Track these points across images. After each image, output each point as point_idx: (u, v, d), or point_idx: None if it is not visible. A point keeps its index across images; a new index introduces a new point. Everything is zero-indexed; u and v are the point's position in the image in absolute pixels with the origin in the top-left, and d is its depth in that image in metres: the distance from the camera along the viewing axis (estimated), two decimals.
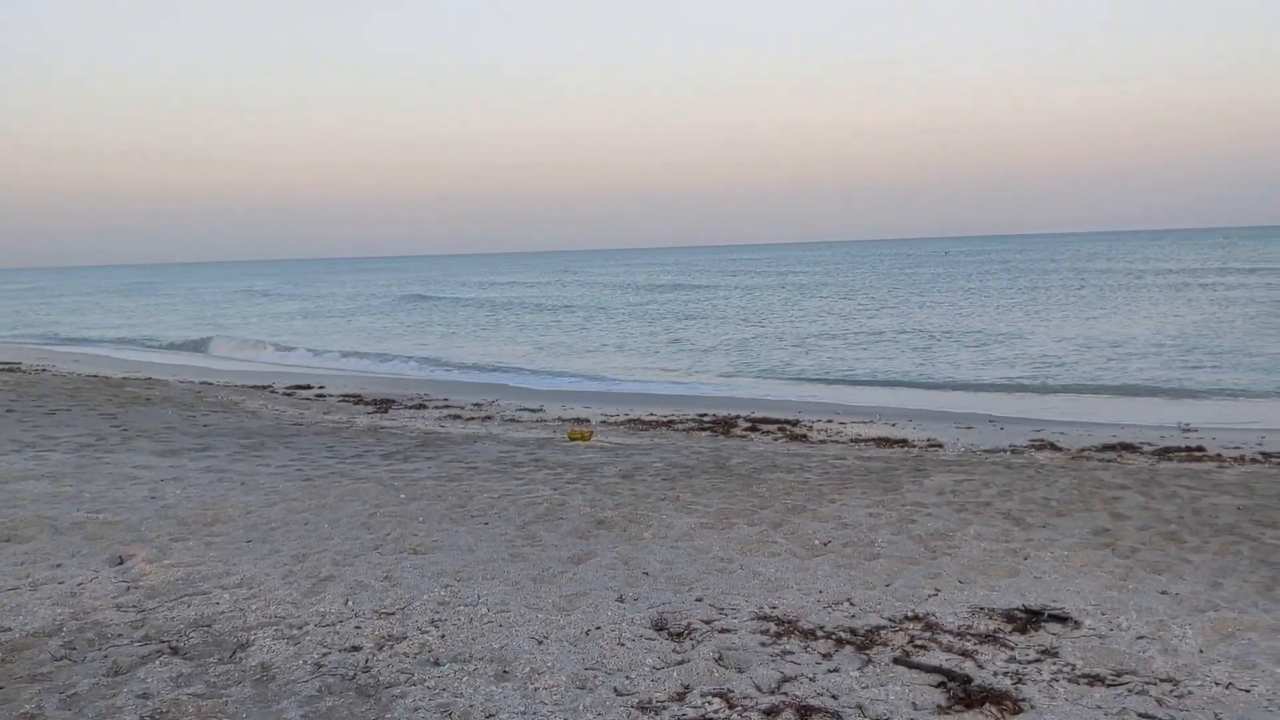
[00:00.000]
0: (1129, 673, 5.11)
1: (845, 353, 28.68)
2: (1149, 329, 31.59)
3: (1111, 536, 7.45)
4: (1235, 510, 8.21)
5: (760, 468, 10.30)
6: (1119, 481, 9.39)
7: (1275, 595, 6.24)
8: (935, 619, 5.83)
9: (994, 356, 26.54)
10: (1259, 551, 7.11)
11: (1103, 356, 25.67)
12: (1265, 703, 4.76)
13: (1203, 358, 24.47)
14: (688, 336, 35.74)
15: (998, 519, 7.95)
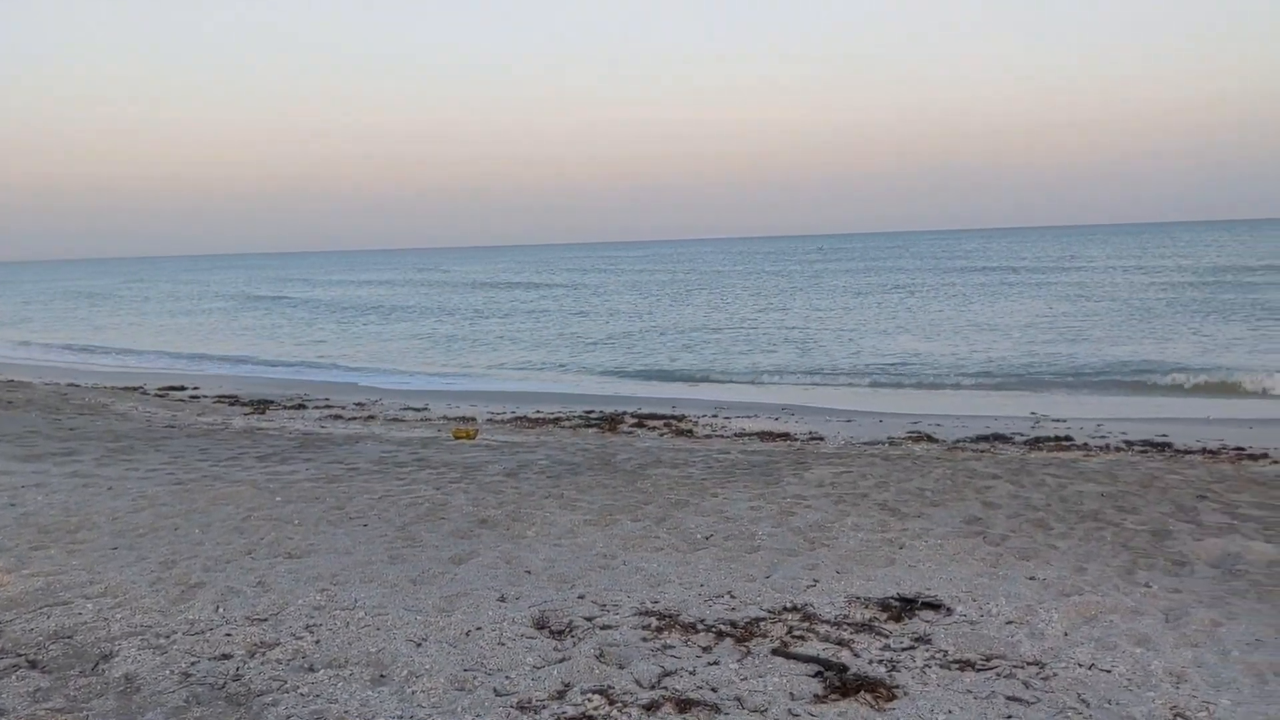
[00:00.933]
0: (998, 657, 5.25)
1: (730, 348, 28.97)
2: (1020, 322, 32.67)
3: (983, 525, 7.67)
4: (1099, 497, 8.53)
5: (645, 464, 10.33)
6: (991, 471, 9.68)
7: (1135, 579, 6.49)
8: (813, 609, 5.92)
9: (873, 351, 27.12)
10: (1120, 536, 7.39)
11: (976, 350, 26.46)
12: (1125, 682, 4.95)
13: (1066, 350, 25.41)
14: (574, 332, 35.73)
15: (875, 510, 8.11)
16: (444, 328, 39.39)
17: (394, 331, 38.63)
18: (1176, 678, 4.99)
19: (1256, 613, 5.88)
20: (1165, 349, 25.12)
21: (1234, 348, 24.91)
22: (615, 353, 29.22)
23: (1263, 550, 6.99)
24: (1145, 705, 4.69)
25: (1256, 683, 4.93)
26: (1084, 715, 4.58)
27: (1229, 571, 6.66)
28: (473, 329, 38.69)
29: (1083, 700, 4.74)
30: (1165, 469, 10.06)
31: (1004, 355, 25.13)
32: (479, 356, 29.68)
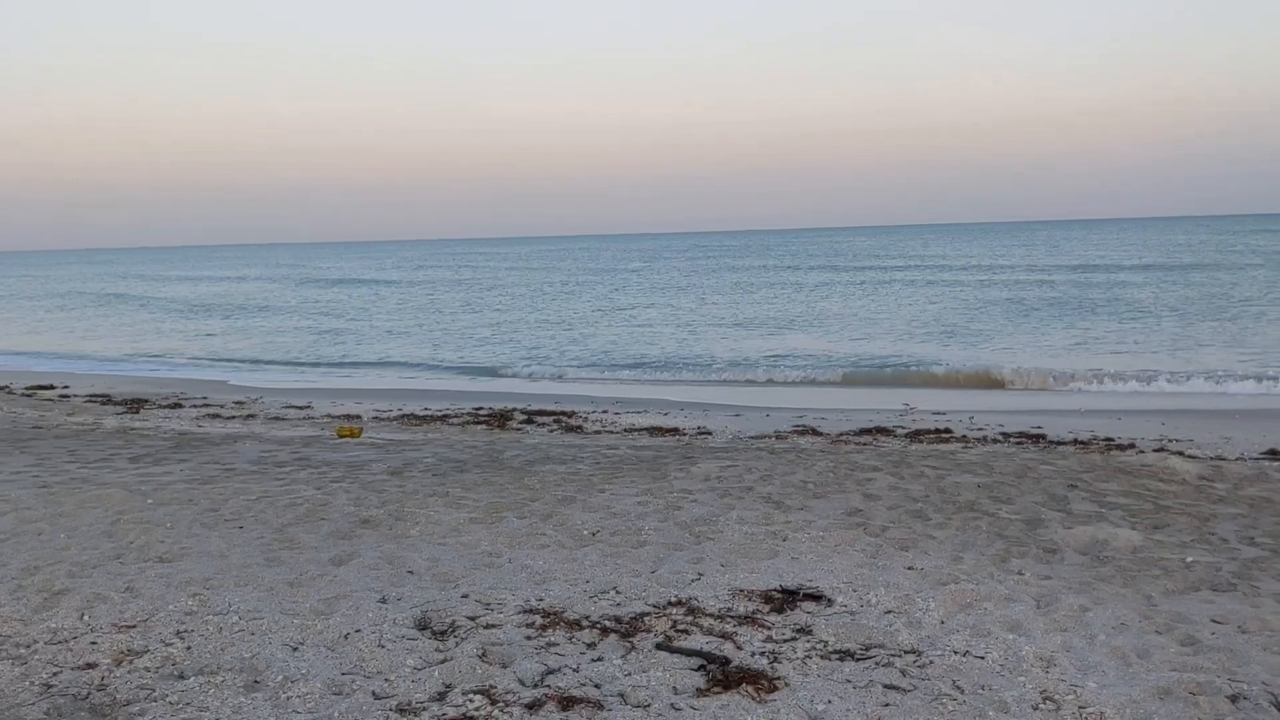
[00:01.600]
0: (877, 646, 5.35)
1: (620, 344, 29.03)
2: (906, 319, 33.47)
3: (864, 516, 7.81)
4: (976, 488, 8.76)
5: (533, 460, 10.26)
6: (872, 463, 9.86)
7: (1009, 566, 6.68)
8: (698, 603, 5.94)
9: (761, 346, 27.46)
10: (995, 526, 7.60)
11: (858, 343, 27.02)
12: (998, 668, 5.08)
13: (945, 344, 26.14)
14: (462, 327, 35.40)
15: (759, 503, 8.19)
16: (323, 323, 38.63)
17: (267, 327, 37.76)
18: (1046, 662, 5.14)
19: (1121, 597, 6.11)
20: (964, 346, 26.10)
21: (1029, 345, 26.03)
22: (504, 348, 29.03)
23: (1128, 537, 7.26)
24: (1016, 690, 4.82)
25: (1121, 665, 5.10)
26: (958, 701, 4.69)
27: (1096, 558, 6.90)
28: (353, 325, 38.09)
29: (957, 686, 4.85)
30: (1039, 460, 10.38)
31: (880, 349, 25.74)
32: (361, 351, 29.20)
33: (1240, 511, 8.22)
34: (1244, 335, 26.32)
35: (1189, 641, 5.39)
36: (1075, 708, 4.64)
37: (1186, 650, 5.28)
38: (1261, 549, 7.11)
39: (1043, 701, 4.71)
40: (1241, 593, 6.19)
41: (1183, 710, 4.60)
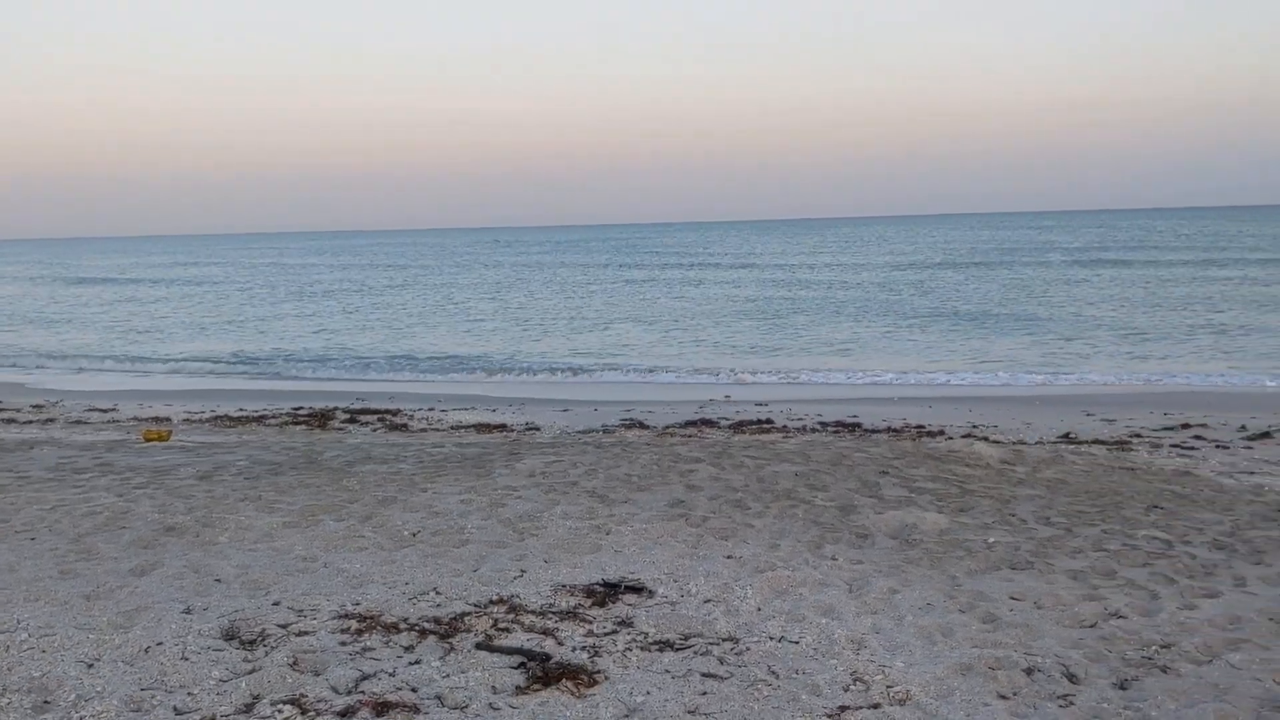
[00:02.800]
0: (696, 635, 5.41)
1: (447, 340, 28.65)
2: (730, 311, 34.15)
3: (686, 508, 7.90)
4: (793, 476, 8.98)
5: (354, 460, 10.00)
6: (695, 455, 10.00)
7: (823, 552, 6.87)
8: (520, 600, 5.90)
9: (592, 340, 27.57)
10: (811, 513, 7.81)
11: (687, 340, 27.43)
12: (811, 652, 5.22)
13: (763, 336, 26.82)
14: (282, 323, 34.30)
15: (584, 497, 8.19)
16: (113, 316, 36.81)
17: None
18: (857, 644, 5.31)
19: (928, 579, 6.36)
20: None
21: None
22: (327, 345, 28.25)
23: (935, 520, 7.57)
24: (829, 673, 4.96)
25: (926, 644, 5.31)
26: (772, 686, 4.78)
27: (905, 541, 7.17)
28: (152, 321, 36.46)
29: (772, 672, 4.96)
30: (854, 447, 10.72)
31: (704, 341, 26.22)
32: (162, 349, 27.93)
33: (1038, 493, 8.68)
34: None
35: (989, 619, 5.66)
36: (883, 687, 4.80)
37: (987, 627, 5.54)
38: (1056, 528, 7.52)
39: (853, 683, 4.85)
40: (1038, 570, 6.53)
41: (982, 684, 4.81)
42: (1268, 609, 5.78)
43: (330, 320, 35.64)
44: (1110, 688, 4.77)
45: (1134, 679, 4.86)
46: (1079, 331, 26.98)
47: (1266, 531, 7.48)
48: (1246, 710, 4.52)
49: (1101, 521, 7.71)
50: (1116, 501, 8.39)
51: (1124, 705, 4.58)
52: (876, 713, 4.54)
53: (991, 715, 4.51)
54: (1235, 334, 25.41)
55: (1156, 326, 27.48)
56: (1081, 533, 7.38)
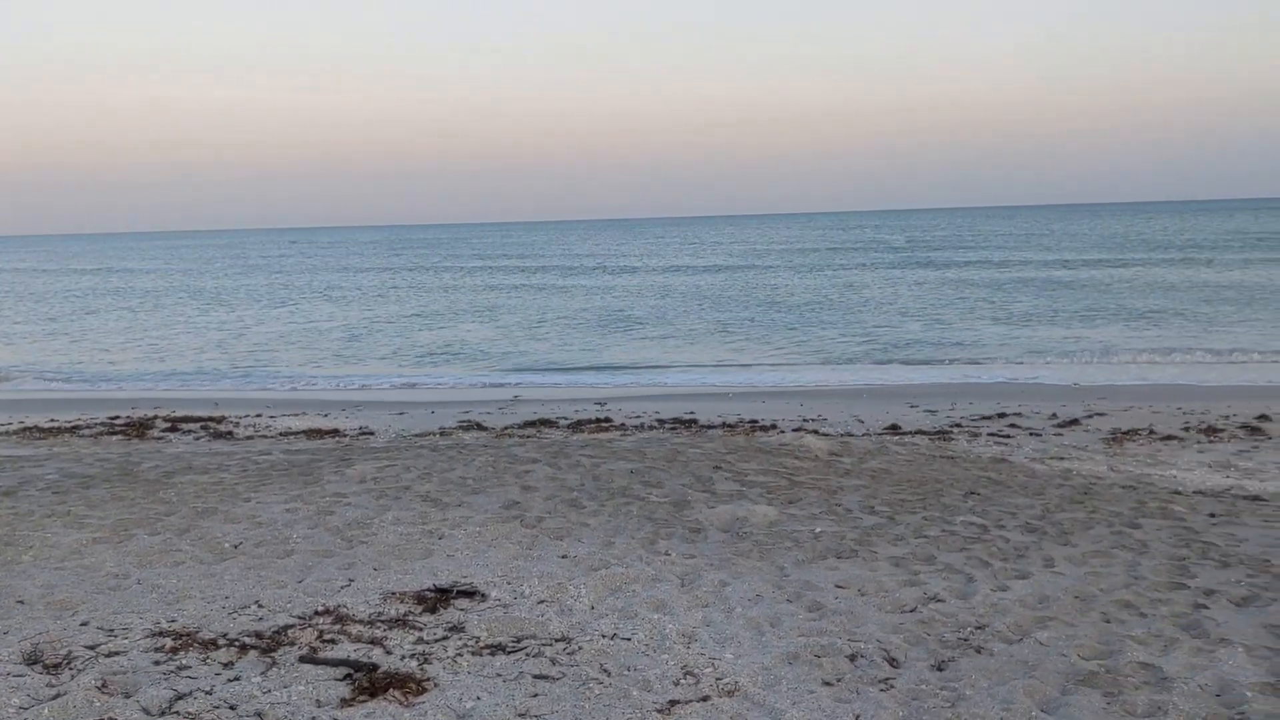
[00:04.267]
0: (529, 637, 5.37)
1: (277, 346, 27.77)
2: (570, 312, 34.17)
3: (521, 508, 7.84)
4: (629, 474, 9.03)
5: (173, 471, 9.56)
6: (532, 455, 9.94)
7: (656, 548, 6.91)
8: (347, 610, 5.74)
9: (427, 341, 27.16)
10: (645, 510, 7.86)
11: (537, 339, 27.31)
12: (643, 648, 5.24)
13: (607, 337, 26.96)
14: (94, 326, 32.65)
15: (416, 501, 8.04)
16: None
17: None
18: (688, 638, 5.36)
19: (758, 570, 6.47)
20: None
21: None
22: (144, 350, 27.02)
23: (765, 513, 7.71)
24: (660, 668, 4.99)
25: (755, 635, 5.40)
26: (604, 684, 4.78)
27: (737, 534, 7.29)
28: None
29: (604, 670, 4.95)
30: (689, 444, 10.85)
31: (572, 339, 26.17)
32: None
33: (864, 483, 8.96)
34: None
35: (815, 607, 5.79)
36: (713, 679, 4.86)
37: (813, 616, 5.67)
38: (880, 516, 7.77)
39: (684, 676, 4.89)
40: (862, 558, 6.73)
41: (808, 672, 4.92)
42: (1073, 587, 6.09)
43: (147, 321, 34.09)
44: (928, 669, 4.95)
45: (950, 660, 5.05)
46: (890, 321, 28.18)
47: (1073, 514, 7.90)
48: (1053, 684, 4.75)
49: (923, 509, 8.00)
50: (937, 489, 8.73)
51: (941, 686, 4.75)
52: (705, 705, 4.59)
53: (816, 702, 4.61)
54: (1022, 324, 26.87)
55: (962, 319, 28.93)
56: (904, 520, 7.64)
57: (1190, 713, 4.43)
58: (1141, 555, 6.76)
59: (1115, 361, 20.97)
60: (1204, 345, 22.43)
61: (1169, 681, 4.73)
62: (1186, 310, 29.44)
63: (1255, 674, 4.80)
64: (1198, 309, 29.69)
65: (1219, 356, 20.97)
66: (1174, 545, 7.00)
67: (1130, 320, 27.71)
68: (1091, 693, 4.64)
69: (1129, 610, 5.70)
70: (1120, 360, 21.05)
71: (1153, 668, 4.88)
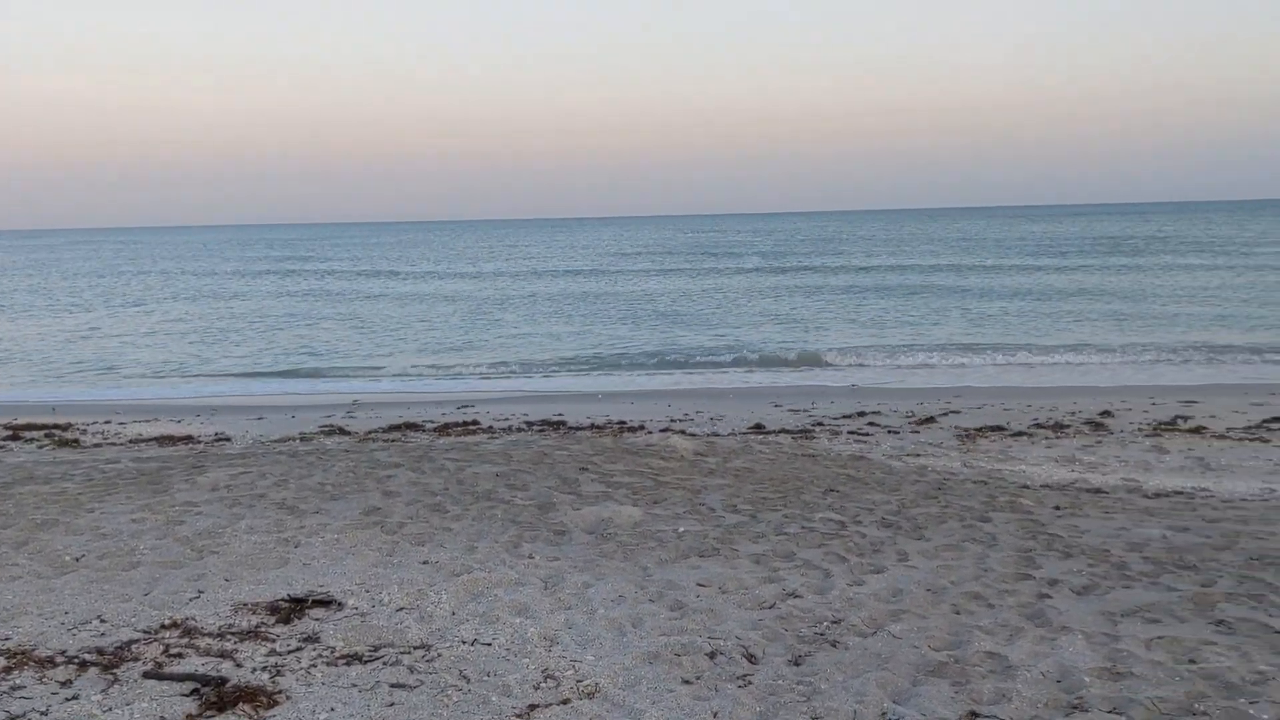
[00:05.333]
0: (386, 645, 5.26)
1: (122, 349, 26.70)
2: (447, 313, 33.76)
3: (382, 514, 7.69)
4: (494, 477, 8.94)
5: (11, 481, 9.09)
6: (394, 460, 9.77)
7: (521, 551, 6.86)
8: (195, 623, 5.53)
9: (289, 344, 26.48)
10: (510, 513, 7.79)
11: (402, 342, 26.88)
12: (504, 652, 5.18)
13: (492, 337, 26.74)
14: None
15: (272, 509, 7.81)
16: None
17: None
18: (549, 641, 5.32)
19: (621, 571, 6.48)
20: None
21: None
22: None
23: (630, 513, 7.73)
24: (520, 672, 4.94)
25: (616, 635, 5.40)
26: (463, 691, 4.72)
27: (601, 535, 7.28)
28: None
29: (464, 676, 4.89)
30: (556, 446, 10.81)
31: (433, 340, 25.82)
32: None
33: (727, 482, 9.06)
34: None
35: (677, 606, 5.82)
36: (573, 681, 4.84)
37: (674, 615, 5.70)
38: (742, 515, 7.87)
39: (544, 680, 4.86)
40: (724, 556, 6.80)
41: (668, 671, 4.94)
42: (925, 580, 6.27)
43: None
44: (785, 665, 5.02)
45: (807, 655, 5.13)
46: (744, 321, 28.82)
47: (927, 509, 8.14)
48: (904, 675, 4.87)
49: (784, 507, 8.14)
50: (798, 487, 8.89)
51: (797, 680, 4.83)
52: (566, 708, 4.56)
53: (675, 701, 4.63)
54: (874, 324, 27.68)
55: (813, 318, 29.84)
56: (765, 518, 7.76)
57: (1032, 699, 4.59)
58: (991, 548, 7.00)
59: (936, 364, 21.71)
60: (1040, 343, 23.47)
61: (1013, 669, 4.90)
62: (1027, 311, 30.71)
63: (1093, 659, 5.01)
64: (1037, 310, 31.08)
65: (1052, 355, 21.96)
66: (1021, 537, 7.27)
67: (977, 322, 28.76)
68: (940, 682, 4.78)
69: (978, 601, 5.89)
70: (943, 362, 21.81)
71: (998, 656, 5.06)
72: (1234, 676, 4.77)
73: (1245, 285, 37.78)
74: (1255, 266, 46.26)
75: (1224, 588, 6.09)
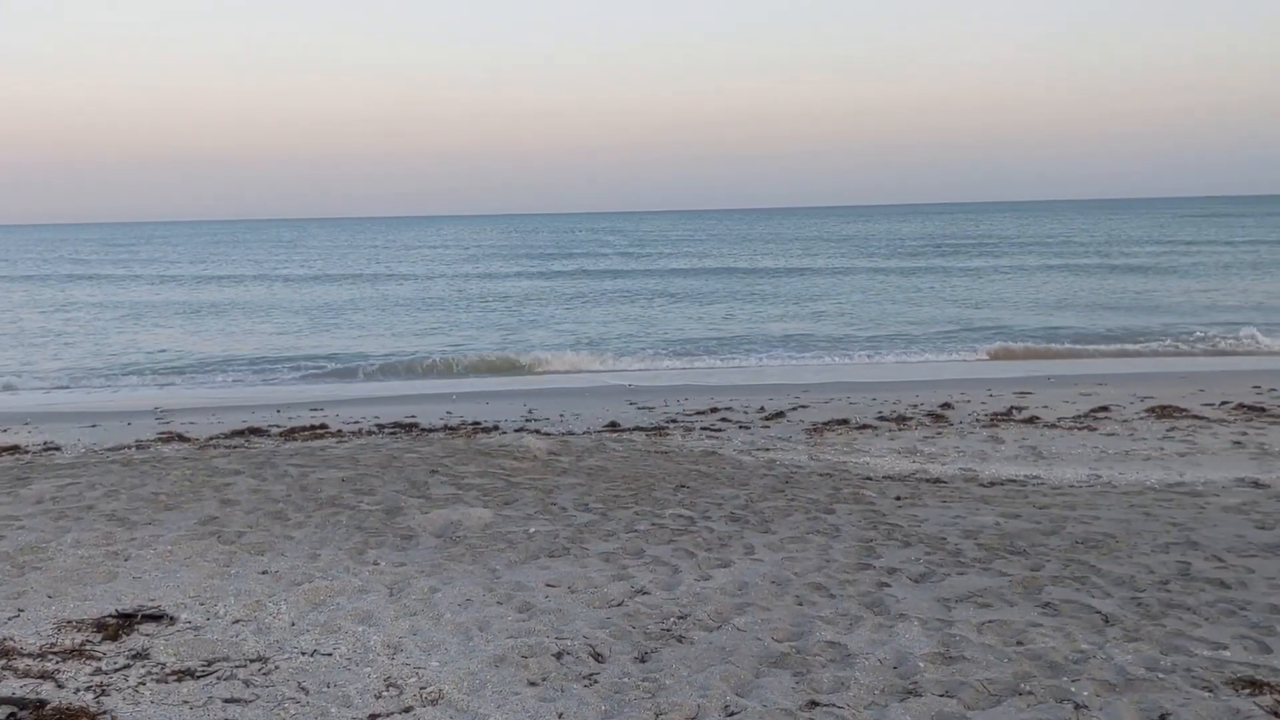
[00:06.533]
0: (221, 660, 5.08)
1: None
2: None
3: (219, 524, 7.42)
4: (340, 482, 8.73)
5: None
6: (234, 467, 9.44)
7: (365, 558, 6.71)
8: (14, 643, 5.23)
9: (128, 347, 25.38)
10: (355, 519, 7.62)
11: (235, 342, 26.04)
12: (345, 662, 5.06)
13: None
14: None
15: (101, 521, 7.45)
16: None
17: None
18: (393, 649, 5.22)
19: (470, 574, 6.40)
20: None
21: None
22: None
23: (480, 515, 7.65)
24: (361, 681, 4.83)
25: (463, 640, 5.33)
26: (301, 704, 4.58)
27: (450, 539, 7.19)
28: None
29: (302, 689, 4.75)
30: (407, 448, 10.63)
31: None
32: None
33: (580, 481, 9.06)
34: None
35: (525, 608, 5.78)
36: (417, 689, 4.75)
37: (522, 616, 5.66)
38: (594, 514, 7.87)
39: (386, 689, 4.76)
40: (574, 555, 6.79)
41: (514, 674, 4.90)
42: (770, 573, 6.38)
43: None
44: (632, 662, 5.04)
45: (653, 651, 5.16)
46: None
47: (774, 502, 8.29)
48: (747, 668, 4.94)
49: (635, 504, 8.17)
50: (649, 484, 8.95)
51: (643, 677, 4.85)
52: (408, 716, 4.48)
53: (521, 703, 4.60)
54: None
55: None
56: (616, 516, 7.78)
57: (869, 686, 4.72)
58: (834, 539, 7.17)
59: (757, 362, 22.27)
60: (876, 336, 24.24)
61: (852, 658, 5.02)
62: (846, 312, 31.62)
63: (927, 645, 5.17)
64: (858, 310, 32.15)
65: (893, 350, 22.72)
66: (863, 528, 7.47)
67: (818, 319, 29.54)
68: (782, 673, 4.86)
69: (820, 592, 6.03)
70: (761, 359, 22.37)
71: (838, 645, 5.18)
72: (1057, 656, 5.00)
73: (1076, 284, 39.76)
74: (1088, 268, 48.71)
75: (1051, 571, 6.38)
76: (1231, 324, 25.29)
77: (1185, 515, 7.80)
